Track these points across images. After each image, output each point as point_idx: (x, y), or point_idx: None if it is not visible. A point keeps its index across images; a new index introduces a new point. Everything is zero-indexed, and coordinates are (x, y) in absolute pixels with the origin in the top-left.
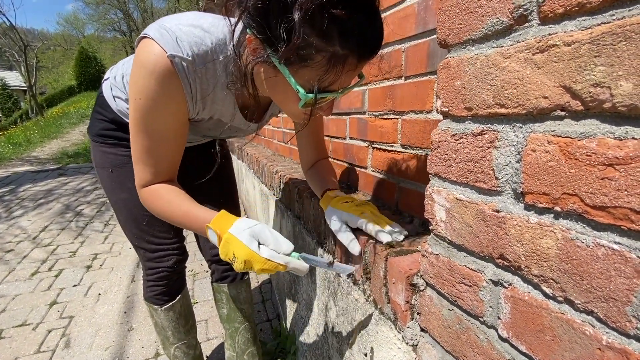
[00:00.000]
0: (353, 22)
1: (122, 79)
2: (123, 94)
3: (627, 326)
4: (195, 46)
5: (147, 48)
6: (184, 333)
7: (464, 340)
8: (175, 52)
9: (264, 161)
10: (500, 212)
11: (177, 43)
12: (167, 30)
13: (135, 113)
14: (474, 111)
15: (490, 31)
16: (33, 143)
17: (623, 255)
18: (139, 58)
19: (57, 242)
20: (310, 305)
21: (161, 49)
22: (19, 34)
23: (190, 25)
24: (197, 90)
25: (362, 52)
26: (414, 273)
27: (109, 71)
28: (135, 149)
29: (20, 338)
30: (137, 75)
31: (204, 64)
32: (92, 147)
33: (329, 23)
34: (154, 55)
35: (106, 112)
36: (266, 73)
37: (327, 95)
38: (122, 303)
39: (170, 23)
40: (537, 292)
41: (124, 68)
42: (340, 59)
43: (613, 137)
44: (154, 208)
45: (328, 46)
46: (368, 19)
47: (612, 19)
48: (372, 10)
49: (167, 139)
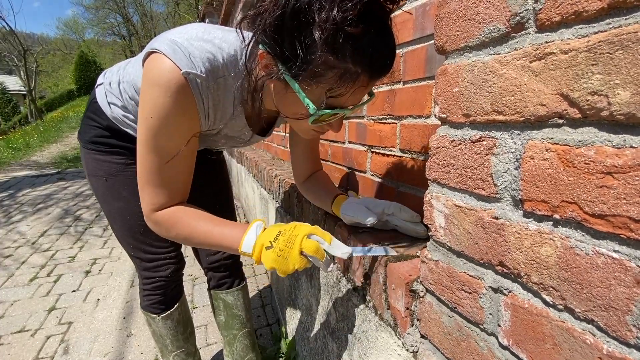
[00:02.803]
0: (366, 40)
1: (119, 86)
2: (119, 101)
3: (627, 335)
4: (207, 62)
5: (159, 65)
6: (182, 340)
7: (465, 348)
8: (189, 69)
9: (263, 165)
10: (499, 219)
11: (191, 59)
12: (179, 46)
13: (147, 132)
14: (472, 118)
15: (488, 38)
16: (32, 147)
17: (623, 264)
18: (151, 75)
19: (56, 247)
20: (310, 310)
21: (174, 65)
22: (19, 39)
23: (201, 40)
24: (210, 106)
25: (374, 69)
26: (413, 279)
27: (101, 76)
28: (144, 171)
29: (18, 344)
30: (149, 94)
31: (215, 80)
32: (84, 155)
33: (343, 41)
34: (168, 72)
35: (100, 119)
36: (276, 89)
37: (337, 111)
38: (122, 308)
39: (181, 38)
40: (537, 300)
41: (120, 74)
42: (352, 76)
43: (611, 145)
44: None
45: (340, 63)
46: (381, 37)
47: (608, 27)
48: (385, 29)
49: (180, 157)
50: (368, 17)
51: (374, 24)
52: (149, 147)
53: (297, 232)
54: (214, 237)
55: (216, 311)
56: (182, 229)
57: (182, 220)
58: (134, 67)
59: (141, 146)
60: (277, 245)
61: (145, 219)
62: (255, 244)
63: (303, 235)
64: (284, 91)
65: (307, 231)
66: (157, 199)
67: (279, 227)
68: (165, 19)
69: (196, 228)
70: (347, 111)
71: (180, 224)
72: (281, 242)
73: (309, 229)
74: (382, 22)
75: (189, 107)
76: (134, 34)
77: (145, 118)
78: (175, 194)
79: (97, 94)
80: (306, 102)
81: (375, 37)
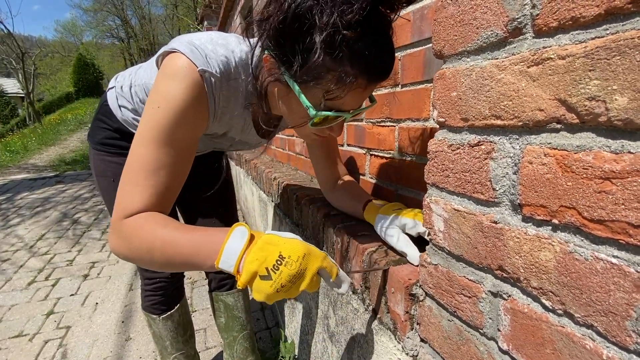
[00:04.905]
0: (364, 43)
1: (130, 89)
2: (129, 104)
3: (627, 341)
4: (221, 64)
5: (177, 61)
6: (182, 343)
7: (464, 352)
8: (206, 67)
9: (262, 167)
10: (498, 224)
11: (207, 60)
12: (196, 48)
13: (151, 122)
14: (471, 122)
15: (485, 43)
16: (30, 150)
17: (622, 269)
18: (168, 69)
19: (54, 251)
20: (309, 313)
21: (192, 62)
22: (17, 42)
23: (216, 44)
24: (220, 106)
25: (372, 73)
26: (412, 283)
27: (113, 80)
28: (133, 166)
29: (16, 349)
30: (163, 85)
31: (227, 82)
32: (93, 155)
33: (341, 44)
34: (185, 67)
35: (110, 121)
36: (279, 92)
37: (336, 114)
38: (120, 312)
39: (198, 40)
40: (536, 305)
41: (132, 78)
42: (350, 78)
43: (609, 150)
44: (134, 243)
45: (339, 66)
46: (379, 42)
47: (605, 33)
48: (384, 35)
49: (179, 157)
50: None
51: (373, 29)
52: (149, 139)
53: (307, 266)
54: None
55: (216, 313)
56: (145, 238)
57: (145, 227)
58: (145, 71)
59: (138, 138)
60: (279, 279)
61: (111, 230)
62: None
63: (314, 272)
64: (286, 94)
65: (319, 266)
66: (134, 203)
67: (277, 247)
68: (164, 21)
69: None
70: (348, 115)
71: (142, 231)
72: (285, 276)
73: (320, 263)
74: (381, 28)
75: (200, 104)
76: (133, 37)
77: (151, 108)
78: (158, 201)
79: (108, 97)
80: (306, 103)
81: (373, 42)
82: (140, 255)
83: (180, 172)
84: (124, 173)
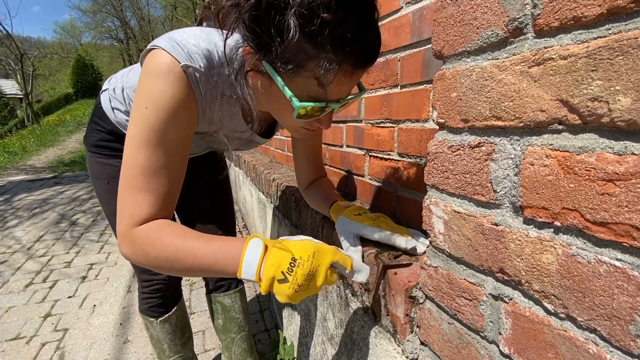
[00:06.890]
0: (346, 27)
1: (122, 92)
2: (122, 106)
3: (631, 345)
4: (205, 59)
5: (158, 58)
6: (180, 345)
7: (465, 355)
8: (189, 62)
9: (261, 169)
10: (499, 226)
11: (189, 55)
12: (178, 43)
13: (140, 125)
14: (471, 123)
15: (486, 43)
16: (29, 151)
17: (625, 273)
18: (150, 66)
19: (52, 253)
20: (308, 315)
21: (174, 58)
22: (15, 43)
23: (199, 38)
24: (207, 101)
25: (357, 58)
26: (412, 285)
27: (107, 82)
28: (129, 174)
29: (13, 352)
30: (147, 84)
31: (212, 76)
32: (89, 158)
33: (322, 28)
34: (167, 63)
35: (104, 124)
36: (262, 84)
37: (320, 104)
38: (118, 314)
39: (180, 36)
40: (538, 308)
41: (124, 80)
42: (334, 65)
43: (612, 152)
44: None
45: (322, 52)
46: (363, 24)
47: (608, 33)
48: (366, 16)
49: (175, 156)
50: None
51: (355, 10)
52: (141, 142)
53: (318, 263)
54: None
55: (214, 315)
56: (165, 248)
57: (164, 238)
58: (136, 72)
59: (133, 141)
60: (294, 280)
61: (120, 238)
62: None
63: (327, 267)
64: (269, 87)
65: (330, 260)
66: (141, 210)
67: (289, 251)
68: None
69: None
70: (335, 105)
71: (159, 242)
72: (300, 276)
73: (331, 257)
74: (364, 9)
75: (187, 100)
76: (132, 38)
77: (139, 109)
78: (163, 205)
79: (101, 99)
80: (288, 94)
81: (356, 25)
82: (158, 263)
83: (178, 171)
84: (123, 180)
